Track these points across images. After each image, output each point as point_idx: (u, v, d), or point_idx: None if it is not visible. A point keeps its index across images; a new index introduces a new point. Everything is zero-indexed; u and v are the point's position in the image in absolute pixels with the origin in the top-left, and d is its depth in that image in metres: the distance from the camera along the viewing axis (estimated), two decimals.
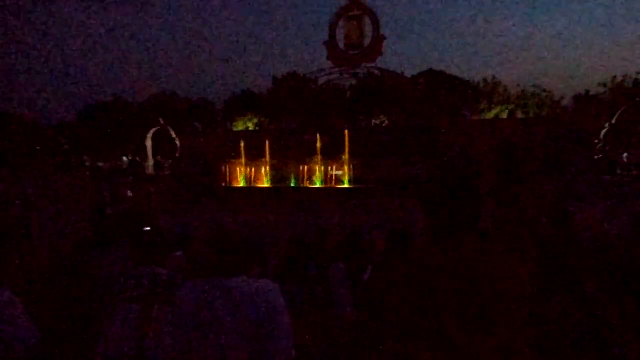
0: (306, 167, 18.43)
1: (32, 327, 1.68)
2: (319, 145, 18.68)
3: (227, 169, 19.02)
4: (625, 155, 14.27)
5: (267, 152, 19.37)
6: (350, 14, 18.89)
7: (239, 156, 19.50)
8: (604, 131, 14.52)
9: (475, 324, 0.94)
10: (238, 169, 19.28)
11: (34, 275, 2.84)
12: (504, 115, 25.78)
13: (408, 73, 26.17)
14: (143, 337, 1.57)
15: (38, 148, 39.65)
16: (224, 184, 18.46)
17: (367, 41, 18.56)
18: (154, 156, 19.43)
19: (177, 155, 19.81)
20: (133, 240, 2.22)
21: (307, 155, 18.75)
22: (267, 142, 19.61)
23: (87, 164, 36.06)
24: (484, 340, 0.93)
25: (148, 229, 2.76)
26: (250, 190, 17.63)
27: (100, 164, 35.04)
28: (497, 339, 0.93)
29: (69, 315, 2.18)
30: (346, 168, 17.96)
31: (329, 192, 15.67)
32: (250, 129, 27.30)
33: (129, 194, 14.53)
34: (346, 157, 18.15)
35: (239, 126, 28.13)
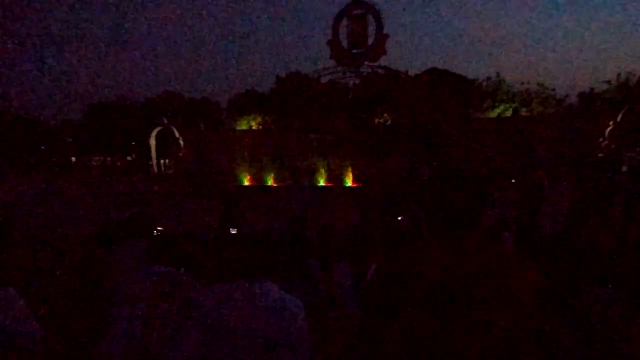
0: (309, 166, 18.45)
1: (35, 324, 1.69)
2: (322, 144, 18.67)
3: (231, 168, 19.06)
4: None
5: (271, 151, 19.39)
6: (354, 12, 18.80)
7: (242, 155, 19.53)
8: (608, 129, 14.41)
9: (477, 324, 0.95)
10: (242, 167, 19.32)
11: (38, 273, 2.87)
12: (508, 114, 25.63)
13: (411, 71, 26.09)
14: (148, 336, 1.59)
15: (42, 147, 39.85)
16: (227, 183, 18.52)
17: (370, 40, 18.47)
18: (158, 155, 19.51)
19: (180, 154, 19.84)
20: (144, 240, 2.24)
21: (311, 153, 18.78)
22: (271, 141, 19.64)
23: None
24: (485, 339, 0.95)
25: (159, 229, 2.78)
26: (253, 189, 17.66)
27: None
28: (498, 338, 0.95)
29: (74, 312, 2.20)
30: (349, 167, 17.96)
31: (332, 190, 15.67)
32: (253, 128, 27.32)
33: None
34: (349, 155, 18.14)
35: (243, 125, 28.15)
